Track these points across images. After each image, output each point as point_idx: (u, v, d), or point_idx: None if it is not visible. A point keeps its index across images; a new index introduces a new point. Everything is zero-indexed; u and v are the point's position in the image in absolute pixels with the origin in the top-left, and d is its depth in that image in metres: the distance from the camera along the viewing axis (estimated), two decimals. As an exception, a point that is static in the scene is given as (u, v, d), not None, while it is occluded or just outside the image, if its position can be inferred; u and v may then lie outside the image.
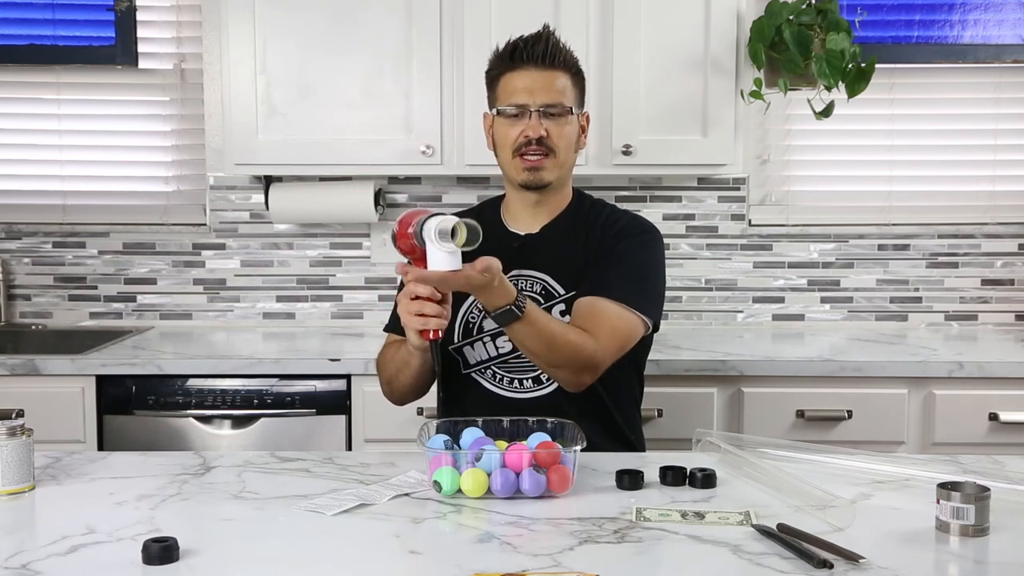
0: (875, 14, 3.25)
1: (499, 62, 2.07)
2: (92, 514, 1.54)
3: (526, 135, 2.01)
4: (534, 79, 2.02)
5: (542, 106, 2.01)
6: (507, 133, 2.04)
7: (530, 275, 2.06)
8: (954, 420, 2.70)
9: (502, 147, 2.07)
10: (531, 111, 2.01)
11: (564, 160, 2.06)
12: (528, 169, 2.03)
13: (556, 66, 2.04)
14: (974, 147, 3.31)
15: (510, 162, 2.06)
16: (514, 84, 2.03)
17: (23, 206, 3.35)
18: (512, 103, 2.03)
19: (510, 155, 2.05)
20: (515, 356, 2.04)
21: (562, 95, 2.04)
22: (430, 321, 1.78)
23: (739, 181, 3.26)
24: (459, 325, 2.07)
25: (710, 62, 2.88)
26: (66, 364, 2.76)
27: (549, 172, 2.04)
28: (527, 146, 2.02)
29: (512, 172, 2.07)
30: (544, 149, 2.02)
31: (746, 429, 2.68)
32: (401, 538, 1.47)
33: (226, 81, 2.94)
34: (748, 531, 1.46)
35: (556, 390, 2.03)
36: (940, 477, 1.56)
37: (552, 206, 2.12)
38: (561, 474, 1.61)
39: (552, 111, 2.02)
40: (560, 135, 2.03)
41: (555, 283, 2.06)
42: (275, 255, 3.33)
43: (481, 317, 2.06)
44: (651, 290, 2.07)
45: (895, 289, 3.31)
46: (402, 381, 2.05)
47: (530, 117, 2.01)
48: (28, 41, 3.32)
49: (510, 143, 2.04)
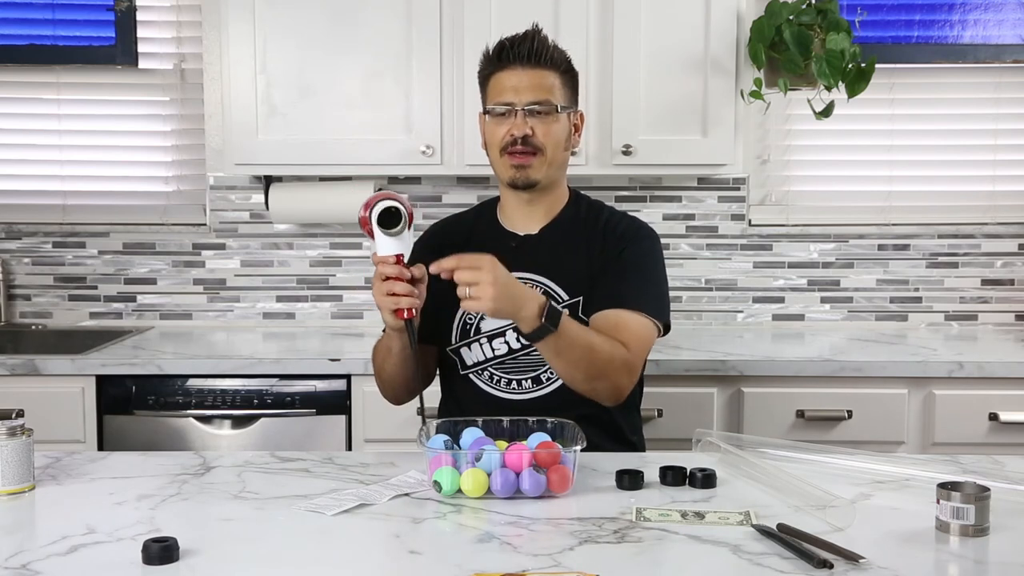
0: (875, 14, 3.25)
1: (488, 62, 2.08)
2: (92, 514, 1.54)
3: (512, 134, 2.01)
4: (520, 78, 2.02)
5: (528, 104, 2.01)
6: (495, 132, 2.05)
7: (530, 278, 2.05)
8: (954, 420, 2.70)
9: (491, 146, 2.07)
10: (517, 110, 2.01)
11: (553, 159, 2.05)
12: (515, 167, 2.03)
13: (543, 64, 2.03)
14: (974, 147, 3.31)
15: (499, 161, 2.06)
16: (502, 83, 2.04)
17: (23, 206, 3.35)
18: (499, 102, 2.03)
19: (498, 154, 2.05)
20: (512, 357, 2.04)
21: (549, 93, 2.03)
22: (401, 300, 1.81)
23: (739, 181, 3.26)
24: (456, 326, 2.07)
25: (710, 62, 2.88)
26: (66, 364, 2.76)
27: (536, 171, 2.04)
28: (513, 145, 2.02)
29: (501, 171, 2.07)
30: (531, 148, 2.02)
31: (746, 429, 2.68)
32: (401, 538, 1.47)
33: (226, 81, 2.94)
34: (748, 531, 1.46)
35: (555, 391, 2.03)
36: (940, 477, 1.56)
37: (547, 206, 2.11)
38: (561, 474, 1.61)
39: (538, 109, 2.02)
40: (547, 133, 2.03)
41: (557, 287, 2.05)
42: (275, 255, 3.33)
43: (478, 319, 2.06)
44: (662, 295, 2.09)
45: (895, 289, 3.31)
46: (389, 371, 2.03)
47: (516, 116, 2.01)
48: (28, 41, 3.32)
49: (497, 142, 2.04)
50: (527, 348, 2.02)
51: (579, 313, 2.04)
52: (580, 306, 2.04)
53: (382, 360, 2.05)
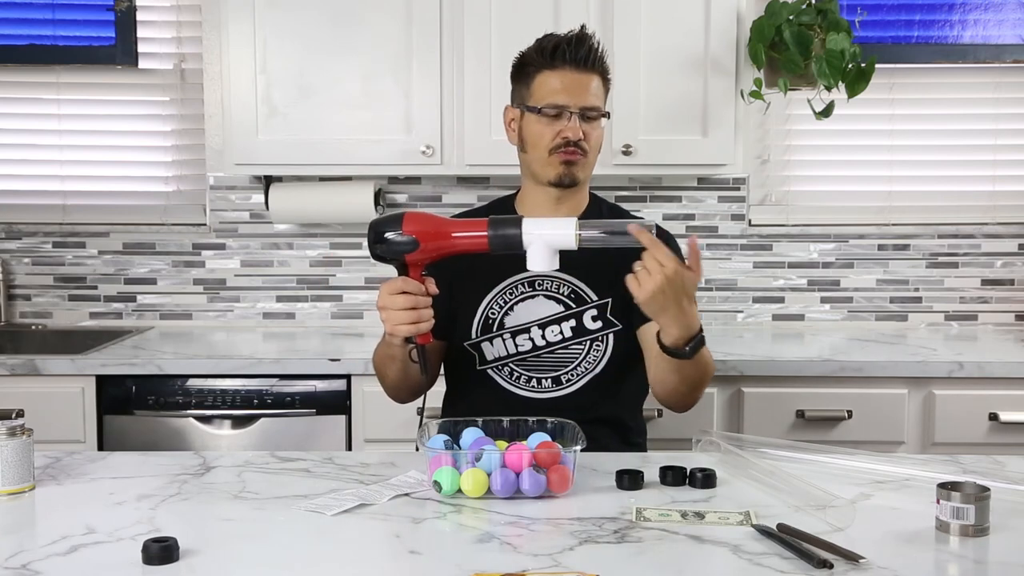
0: (875, 14, 3.25)
1: (538, 58, 2.05)
2: (92, 514, 1.54)
3: (565, 136, 2.01)
4: (573, 80, 2.02)
5: (582, 109, 2.02)
6: (543, 132, 2.03)
7: (558, 277, 2.05)
8: (954, 420, 2.70)
9: (535, 145, 2.05)
10: (571, 113, 2.01)
11: (593, 161, 2.08)
12: (565, 163, 2.02)
13: (594, 69, 2.04)
14: (974, 147, 3.31)
15: (544, 159, 2.04)
16: (552, 84, 2.03)
17: (23, 206, 3.35)
18: (552, 103, 2.02)
19: (545, 153, 2.04)
20: (535, 355, 2.04)
21: (599, 99, 2.05)
22: (422, 326, 1.76)
23: (739, 181, 3.26)
24: (478, 320, 2.07)
25: (710, 62, 2.88)
26: (66, 364, 2.76)
27: (581, 170, 2.05)
28: (565, 147, 2.02)
29: (545, 169, 2.05)
30: (580, 151, 2.03)
31: (746, 429, 2.68)
32: (401, 538, 1.47)
33: (226, 81, 2.94)
34: (748, 531, 1.46)
35: (573, 393, 2.04)
36: (940, 477, 1.56)
37: (572, 205, 2.11)
38: (561, 474, 1.61)
39: (590, 115, 2.03)
40: (594, 138, 2.05)
41: (586, 287, 2.05)
42: (275, 255, 3.33)
43: (502, 314, 2.06)
44: None
45: (895, 289, 3.31)
46: (392, 377, 2.02)
47: (569, 119, 2.01)
48: (28, 41, 3.32)
49: (546, 142, 2.03)
50: (551, 346, 2.03)
51: (607, 314, 2.04)
52: (609, 307, 2.04)
53: (384, 367, 2.04)
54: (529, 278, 2.07)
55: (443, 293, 1.85)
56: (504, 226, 1.70)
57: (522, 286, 2.07)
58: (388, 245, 1.75)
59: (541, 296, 2.06)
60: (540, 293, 2.07)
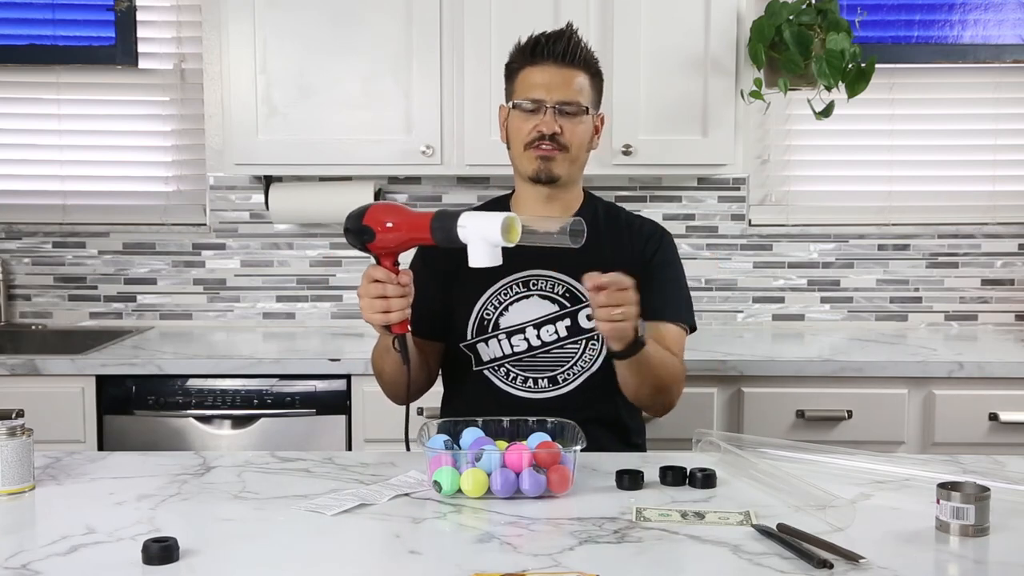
0: (875, 14, 3.25)
1: (520, 56, 2.07)
2: (92, 514, 1.54)
3: (539, 130, 2.02)
4: (552, 76, 2.03)
5: (558, 103, 2.02)
6: (520, 127, 2.05)
7: (551, 275, 2.06)
8: (954, 420, 2.70)
9: (515, 140, 2.07)
10: (547, 107, 2.02)
11: (576, 158, 2.07)
12: (540, 158, 2.03)
13: (576, 65, 2.04)
14: (974, 147, 3.31)
15: (522, 155, 2.06)
16: (532, 79, 2.04)
17: (23, 206, 3.35)
18: (528, 98, 2.03)
19: (522, 148, 2.05)
20: (531, 355, 2.04)
21: (579, 94, 2.04)
22: (391, 316, 1.78)
23: (739, 181, 3.26)
24: (473, 321, 2.07)
25: (710, 62, 2.88)
26: (66, 364, 2.76)
27: (559, 166, 2.05)
28: (540, 140, 2.02)
29: (523, 165, 2.07)
30: (556, 145, 2.03)
31: (746, 429, 2.68)
32: (401, 538, 1.47)
33: (226, 81, 2.94)
34: (748, 531, 1.46)
35: (570, 393, 2.04)
36: (940, 477, 1.56)
37: (564, 203, 2.12)
38: (561, 474, 1.61)
39: (568, 109, 2.03)
40: (573, 133, 2.04)
41: (581, 286, 2.05)
42: (275, 255, 3.33)
43: (497, 314, 2.06)
44: (689, 298, 2.15)
45: (895, 289, 3.31)
46: (389, 371, 2.02)
47: (545, 113, 2.02)
48: (28, 41, 3.32)
49: (523, 137, 2.04)
50: (547, 346, 2.04)
51: None
52: None
53: (381, 361, 2.04)
54: (523, 278, 2.07)
55: (438, 293, 1.86)
56: (445, 219, 1.70)
57: (517, 286, 2.07)
58: (349, 234, 1.81)
59: (536, 296, 2.06)
60: (535, 293, 2.07)
